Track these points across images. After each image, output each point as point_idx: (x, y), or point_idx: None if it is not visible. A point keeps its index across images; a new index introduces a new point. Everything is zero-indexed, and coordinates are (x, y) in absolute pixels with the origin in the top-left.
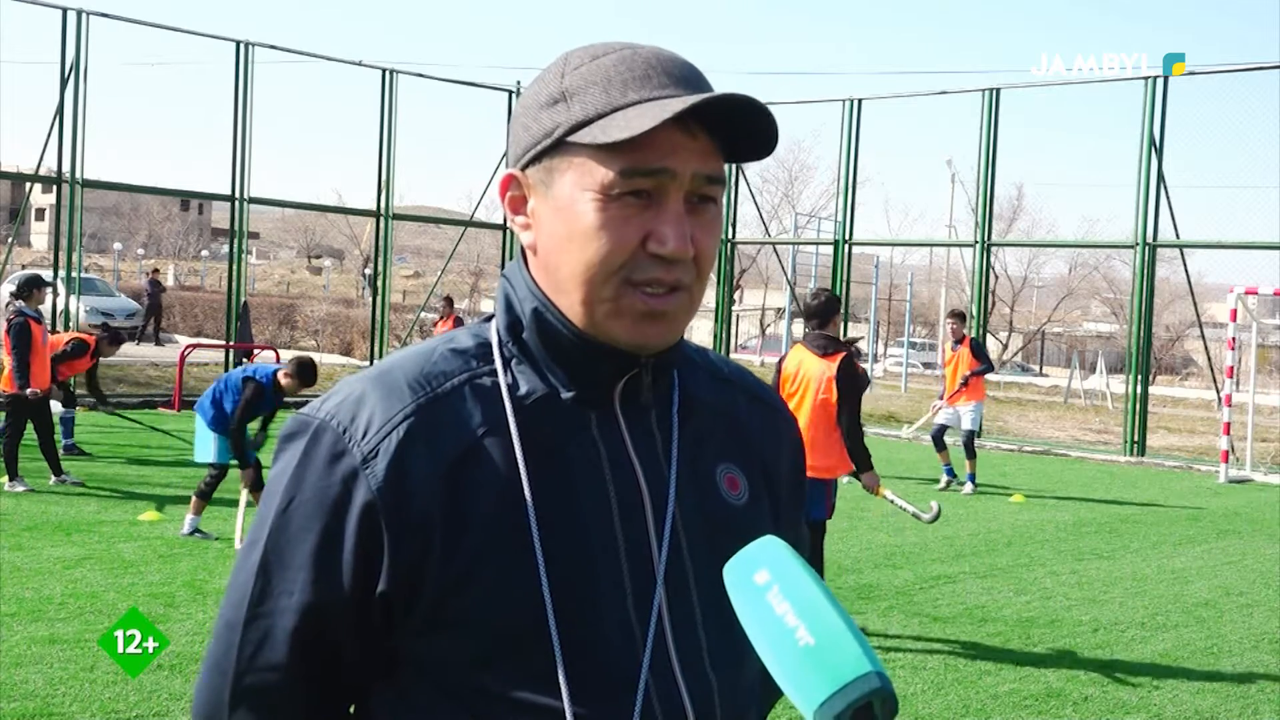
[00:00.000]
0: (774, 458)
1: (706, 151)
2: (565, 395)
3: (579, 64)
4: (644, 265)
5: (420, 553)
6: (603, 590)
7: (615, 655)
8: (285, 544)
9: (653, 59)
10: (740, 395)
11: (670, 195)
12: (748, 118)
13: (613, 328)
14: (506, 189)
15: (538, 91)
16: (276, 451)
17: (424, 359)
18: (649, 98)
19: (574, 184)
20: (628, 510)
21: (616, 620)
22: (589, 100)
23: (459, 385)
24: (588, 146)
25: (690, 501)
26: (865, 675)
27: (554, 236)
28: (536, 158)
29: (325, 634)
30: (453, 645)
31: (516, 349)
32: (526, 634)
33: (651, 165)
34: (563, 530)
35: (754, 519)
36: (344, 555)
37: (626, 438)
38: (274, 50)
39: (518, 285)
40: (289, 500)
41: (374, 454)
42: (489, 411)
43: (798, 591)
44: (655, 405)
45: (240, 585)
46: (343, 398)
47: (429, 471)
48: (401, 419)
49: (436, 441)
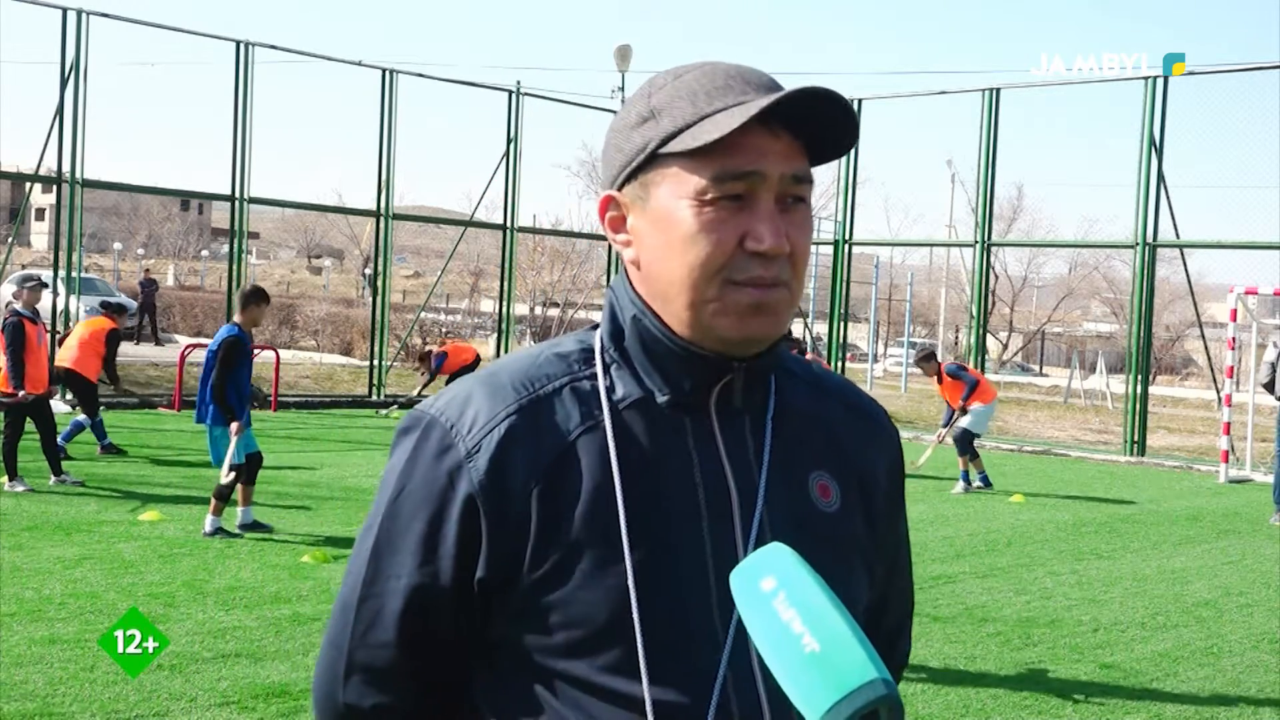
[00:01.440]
0: (871, 468)
1: (792, 152)
2: (661, 399)
3: (664, 84)
4: (743, 264)
5: (516, 544)
6: (687, 589)
7: (696, 651)
8: (395, 531)
9: (733, 70)
10: (838, 405)
11: (762, 196)
12: (827, 111)
13: (719, 325)
14: (605, 210)
15: (626, 115)
16: (393, 445)
17: (529, 362)
18: (734, 103)
19: (670, 194)
20: (716, 512)
21: (699, 618)
22: (677, 113)
23: (560, 387)
24: (680, 156)
25: (780, 506)
26: (871, 682)
27: (654, 248)
28: (631, 175)
29: (429, 614)
30: (543, 633)
31: (617, 355)
32: (611, 627)
33: (742, 168)
34: (651, 529)
35: (846, 526)
36: (447, 543)
37: (719, 442)
38: (274, 50)
39: (620, 296)
40: (400, 489)
41: (477, 449)
42: (587, 413)
43: (804, 598)
44: (750, 412)
45: (355, 568)
46: (453, 395)
47: (527, 467)
48: (504, 417)
49: (536, 439)
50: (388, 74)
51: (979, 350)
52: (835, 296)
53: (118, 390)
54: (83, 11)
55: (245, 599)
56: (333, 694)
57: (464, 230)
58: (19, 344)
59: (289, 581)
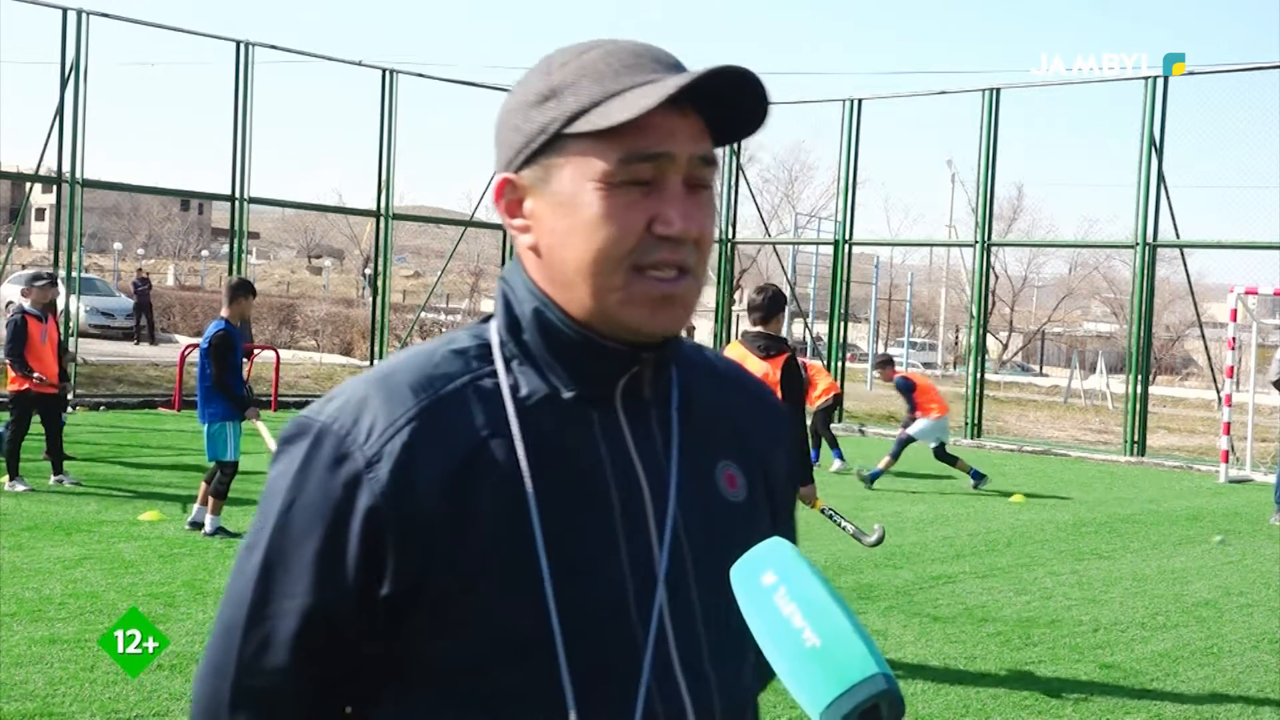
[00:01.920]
0: (770, 454)
1: (699, 133)
2: (567, 395)
3: (565, 60)
4: (650, 248)
5: (425, 556)
6: (605, 591)
7: (617, 655)
8: (288, 547)
9: (638, 48)
10: (737, 392)
11: (670, 179)
12: (739, 93)
13: (626, 315)
14: (502, 193)
15: (524, 93)
16: (276, 453)
17: (425, 361)
18: (643, 81)
19: (574, 177)
20: (629, 510)
21: (619, 621)
22: (582, 91)
23: (461, 387)
24: (586, 138)
25: (690, 500)
26: (872, 677)
27: (556, 233)
28: (531, 157)
29: (329, 637)
30: (458, 647)
31: (517, 349)
32: (530, 636)
33: (651, 150)
34: (565, 532)
35: (752, 516)
36: (348, 559)
37: (628, 436)
38: (274, 50)
39: (516, 286)
40: (290, 502)
41: (377, 458)
42: (491, 413)
43: (805, 593)
44: (656, 403)
45: (241, 587)
46: (344, 400)
47: (432, 475)
48: (405, 422)
49: (439, 445)
50: (388, 74)
51: (979, 350)
52: (835, 296)
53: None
54: (83, 11)
55: None
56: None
57: (464, 230)
58: (20, 341)
59: None
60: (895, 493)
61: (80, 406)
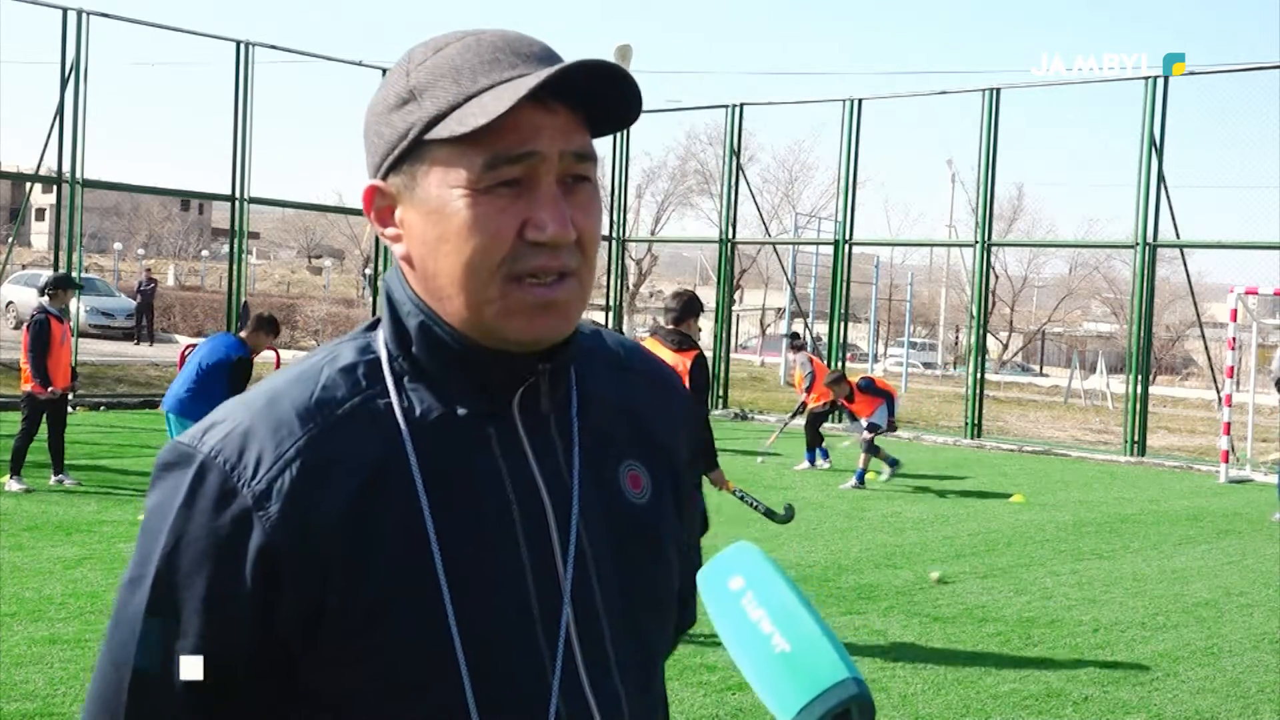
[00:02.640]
0: (671, 441)
1: (571, 128)
2: (461, 412)
3: (423, 59)
4: (525, 255)
5: (322, 591)
6: (510, 616)
7: (525, 680)
8: (174, 587)
9: (499, 41)
10: (638, 381)
11: (541, 179)
12: (606, 85)
13: (504, 327)
14: (371, 201)
15: (385, 95)
16: (154, 480)
17: (310, 383)
18: (501, 80)
19: (439, 184)
20: (532, 529)
21: (524, 645)
22: (439, 94)
23: (351, 411)
24: (447, 142)
25: (594, 509)
26: (842, 682)
27: (426, 243)
28: (396, 164)
29: (223, 681)
30: (360, 679)
31: (407, 365)
32: (434, 666)
33: (516, 150)
34: (467, 558)
35: (657, 515)
36: (241, 601)
37: (528, 451)
38: (274, 50)
39: (399, 296)
40: (175, 540)
41: (267, 495)
42: (384, 437)
43: (773, 597)
44: (555, 411)
45: (128, 625)
46: (228, 430)
47: (327, 508)
48: (294, 455)
49: (332, 476)
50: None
51: (979, 350)
52: (835, 296)
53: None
54: (83, 11)
55: None
56: None
57: None
58: (44, 342)
59: None
60: (895, 493)
61: (80, 406)
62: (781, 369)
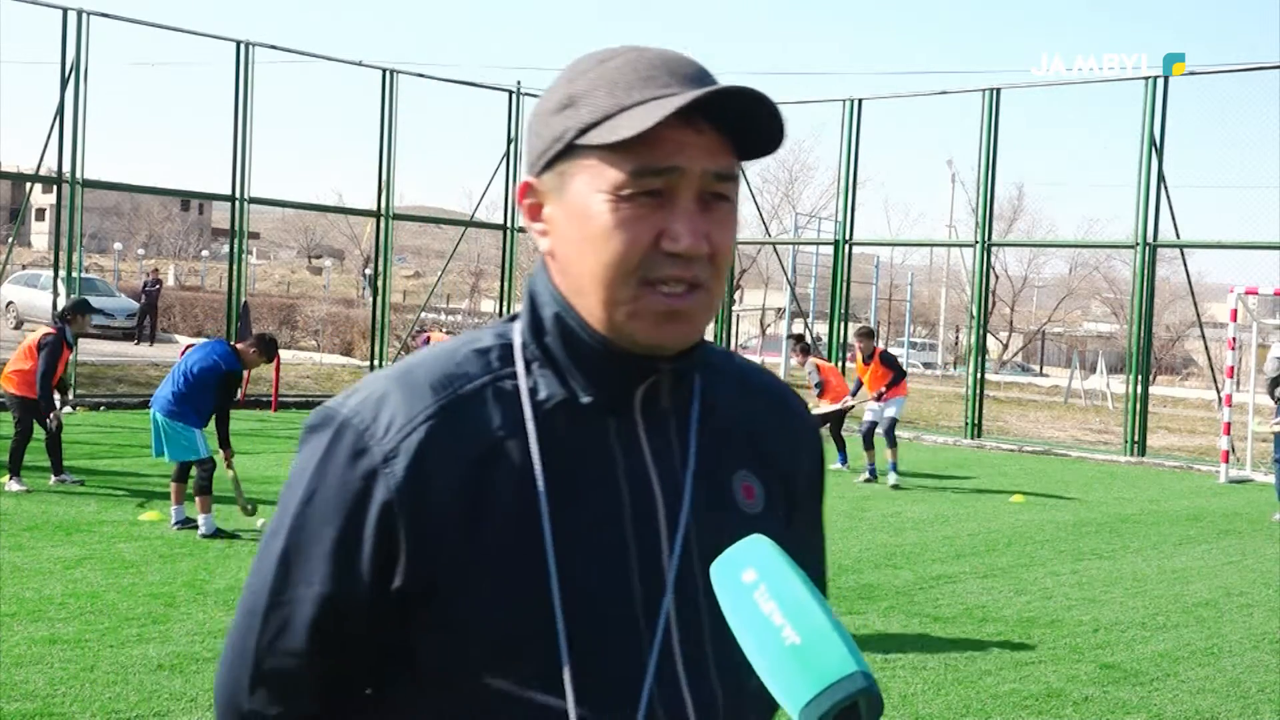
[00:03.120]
0: (792, 467)
1: (715, 148)
2: (585, 400)
3: (586, 69)
4: (659, 263)
5: (435, 553)
6: (612, 596)
7: (621, 661)
8: (306, 536)
9: (657, 60)
10: (762, 402)
11: (681, 193)
12: (752, 110)
13: (633, 329)
14: (523, 196)
15: (548, 99)
16: (301, 441)
17: (447, 359)
18: (654, 96)
19: (586, 186)
20: (641, 517)
21: (624, 626)
22: (596, 103)
23: (480, 387)
24: (598, 148)
25: (704, 510)
26: (851, 675)
27: (570, 240)
28: (549, 163)
29: (342, 625)
30: (462, 643)
31: (539, 352)
32: (534, 636)
33: (660, 164)
34: (576, 537)
35: (768, 528)
36: (362, 551)
37: (644, 444)
38: (274, 50)
39: (540, 289)
40: (311, 493)
41: (394, 454)
42: (508, 415)
43: (785, 591)
44: (675, 412)
45: (262, 573)
46: (366, 395)
47: (447, 473)
48: (423, 420)
49: (455, 443)
50: (388, 74)
51: (979, 350)
52: (835, 296)
53: (44, 426)
54: (83, 11)
55: None
56: (237, 701)
57: (464, 230)
58: (54, 365)
59: None
60: (895, 493)
61: (80, 406)
62: (782, 369)
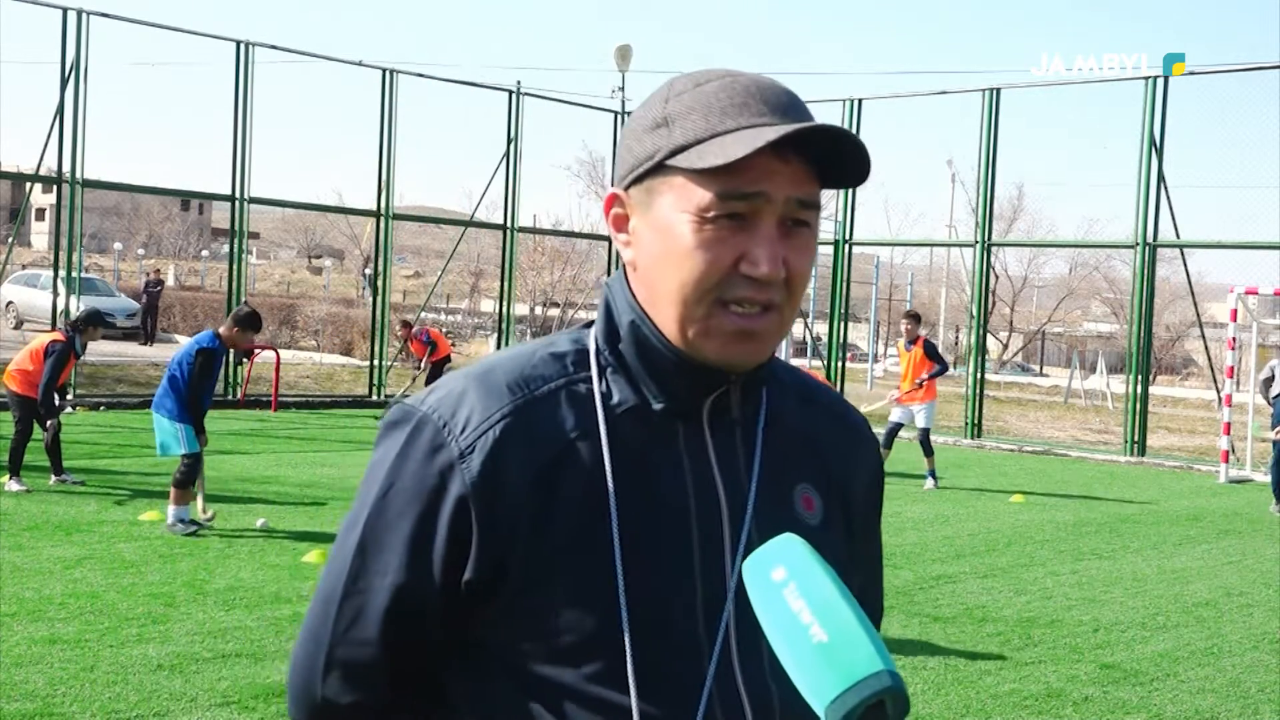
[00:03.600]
0: (850, 480)
1: (800, 177)
2: (656, 406)
3: (682, 90)
4: (736, 285)
5: (506, 547)
6: (676, 599)
7: (682, 660)
8: (383, 528)
9: (752, 86)
10: (824, 416)
11: (764, 218)
12: (838, 143)
13: (704, 345)
14: (610, 207)
15: (644, 115)
16: (379, 437)
17: (524, 361)
18: (746, 125)
19: (672, 205)
20: (706, 523)
21: (686, 628)
22: (689, 126)
23: (555, 390)
24: (686, 170)
25: (767, 519)
26: (877, 673)
27: (652, 254)
28: (639, 179)
29: (414, 614)
30: (528, 637)
31: (613, 358)
32: (599, 633)
33: (746, 190)
34: (642, 538)
35: (826, 540)
36: (436, 543)
37: (711, 452)
38: (274, 50)
39: (618, 297)
40: (389, 486)
41: (470, 449)
42: (582, 417)
43: (814, 589)
44: (742, 422)
45: (339, 562)
46: (445, 392)
47: (521, 470)
48: (499, 418)
49: (530, 442)
50: (388, 74)
51: (979, 350)
52: (835, 296)
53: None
54: (83, 11)
55: (245, 599)
56: (310, 688)
57: (464, 230)
58: (58, 372)
59: (289, 581)
60: (895, 493)
61: (80, 406)
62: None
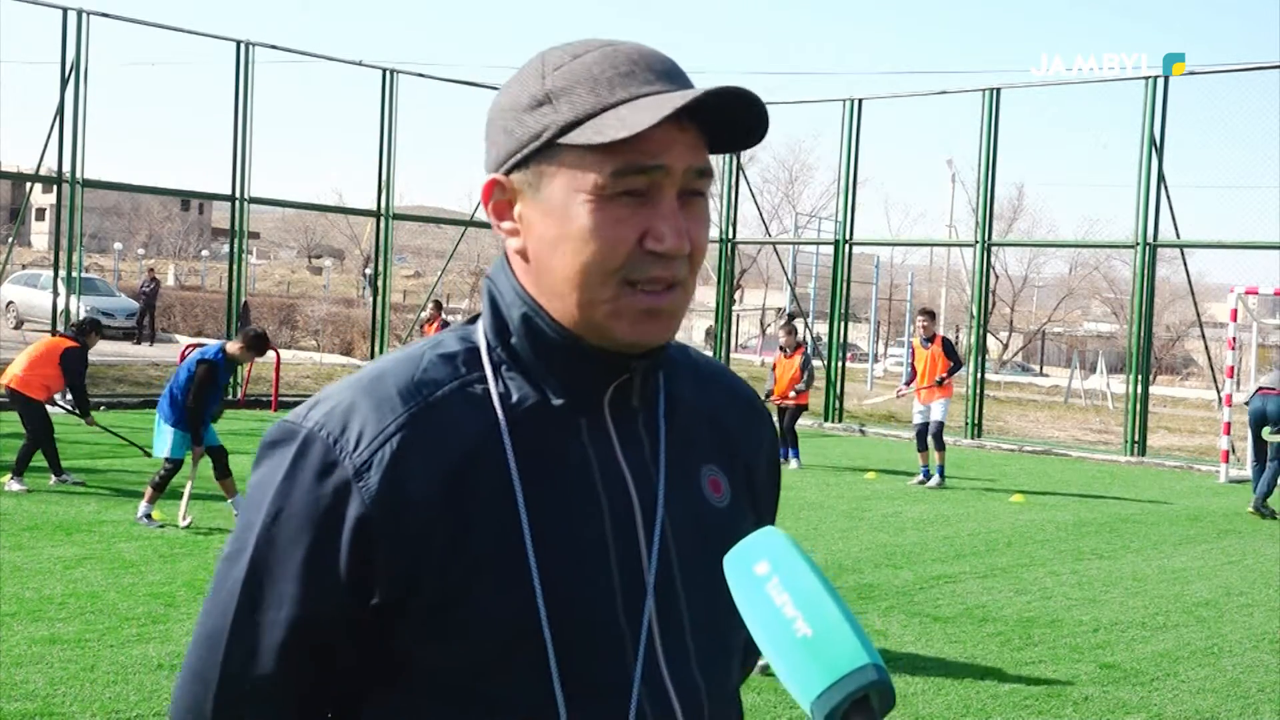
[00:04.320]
0: (753, 455)
1: (695, 145)
2: (556, 402)
3: (559, 63)
4: (642, 264)
5: (416, 564)
6: (595, 599)
7: (607, 661)
8: (274, 556)
9: (635, 55)
10: (720, 393)
11: (664, 192)
12: (740, 109)
13: (612, 328)
14: (490, 194)
15: (518, 93)
16: (259, 458)
17: (413, 365)
18: (638, 94)
19: (565, 186)
20: (618, 518)
21: (608, 628)
22: (577, 100)
23: (450, 393)
24: (579, 148)
25: (677, 506)
26: (862, 668)
27: (545, 240)
28: (522, 162)
29: (316, 646)
30: (449, 652)
31: (505, 354)
32: (521, 642)
33: (646, 163)
34: (555, 540)
35: (735, 520)
36: (338, 569)
37: (616, 444)
38: (274, 50)
39: (504, 289)
40: (276, 511)
41: (366, 466)
42: (481, 420)
43: (797, 583)
44: (643, 408)
45: (223, 596)
46: (332, 406)
47: (424, 482)
48: (395, 430)
49: (430, 452)
50: (388, 74)
51: (979, 350)
52: (835, 296)
53: (89, 423)
54: (83, 11)
55: None
56: None
57: (464, 230)
58: (84, 376)
59: None
60: (895, 493)
61: None
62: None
